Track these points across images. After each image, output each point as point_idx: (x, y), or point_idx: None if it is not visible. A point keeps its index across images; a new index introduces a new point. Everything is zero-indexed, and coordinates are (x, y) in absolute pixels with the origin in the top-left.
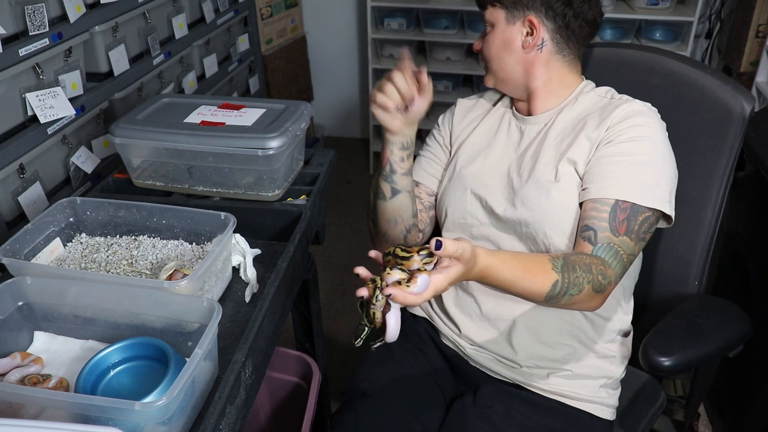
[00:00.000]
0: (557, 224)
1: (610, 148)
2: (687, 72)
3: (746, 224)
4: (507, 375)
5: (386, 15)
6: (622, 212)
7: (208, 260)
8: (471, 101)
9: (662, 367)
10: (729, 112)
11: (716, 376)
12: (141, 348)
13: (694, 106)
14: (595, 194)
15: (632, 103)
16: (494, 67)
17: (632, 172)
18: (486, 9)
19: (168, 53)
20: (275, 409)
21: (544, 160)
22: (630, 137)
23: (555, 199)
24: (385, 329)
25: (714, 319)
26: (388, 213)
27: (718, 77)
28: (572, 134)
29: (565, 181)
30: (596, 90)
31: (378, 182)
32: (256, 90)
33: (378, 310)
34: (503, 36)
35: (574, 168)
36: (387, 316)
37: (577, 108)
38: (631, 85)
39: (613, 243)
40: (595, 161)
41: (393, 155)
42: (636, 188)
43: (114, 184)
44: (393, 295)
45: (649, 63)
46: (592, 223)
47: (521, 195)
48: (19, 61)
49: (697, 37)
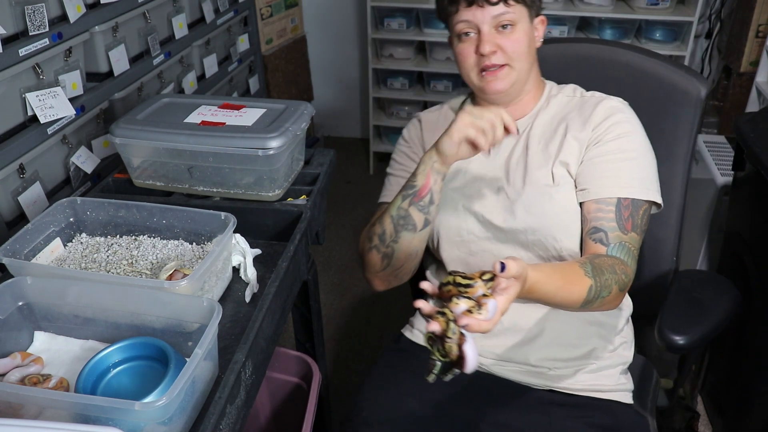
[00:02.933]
0: (565, 227)
1: (600, 147)
2: (643, 62)
3: (746, 224)
4: (536, 382)
5: (386, 15)
6: (626, 209)
7: (208, 260)
8: (434, 114)
9: (682, 345)
10: (687, 95)
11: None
12: (141, 348)
13: (654, 93)
14: (597, 194)
15: (609, 100)
16: (520, 67)
17: (625, 168)
18: (508, 5)
19: (168, 53)
20: (275, 409)
21: (535, 165)
22: (617, 135)
23: (558, 202)
24: (462, 361)
25: (708, 291)
26: (414, 246)
27: (673, 64)
28: (557, 136)
29: (562, 183)
30: (563, 90)
31: (408, 212)
32: (256, 90)
33: (454, 344)
34: (528, 34)
35: (566, 170)
36: (464, 347)
37: (550, 110)
38: (592, 78)
39: (624, 241)
40: (587, 162)
41: (436, 185)
42: (633, 184)
43: (114, 184)
44: (468, 326)
45: (606, 56)
46: (601, 224)
47: (522, 202)
48: (19, 61)
49: (697, 37)
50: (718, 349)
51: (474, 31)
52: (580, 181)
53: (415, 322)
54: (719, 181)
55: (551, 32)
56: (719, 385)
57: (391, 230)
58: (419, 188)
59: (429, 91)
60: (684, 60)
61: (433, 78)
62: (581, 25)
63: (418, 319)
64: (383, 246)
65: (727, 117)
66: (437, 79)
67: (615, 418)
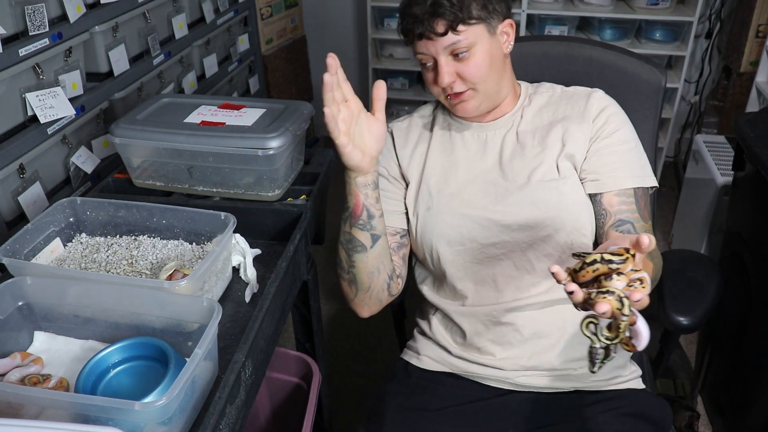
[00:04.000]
0: (576, 218)
1: (604, 140)
2: (604, 55)
3: (746, 224)
4: (562, 386)
5: (386, 15)
6: (641, 198)
7: (208, 260)
8: (404, 122)
9: (688, 325)
10: (649, 84)
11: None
12: (141, 348)
13: (619, 85)
14: (614, 186)
15: (596, 92)
16: (484, 88)
17: (632, 158)
18: (457, 33)
19: (168, 53)
20: (275, 409)
21: (536, 159)
22: (616, 126)
23: (566, 194)
24: (635, 339)
25: (699, 270)
26: (370, 264)
27: (633, 56)
28: (555, 129)
29: (568, 176)
30: (539, 89)
31: (352, 235)
32: (256, 90)
33: (626, 322)
34: (490, 51)
35: (572, 162)
36: (638, 324)
37: (534, 106)
38: (556, 74)
39: (647, 230)
40: (594, 154)
41: (368, 198)
42: (641, 172)
43: (114, 184)
44: (641, 300)
45: (568, 52)
46: (626, 216)
47: (527, 198)
48: (19, 61)
49: (697, 37)
50: (718, 349)
51: (431, 62)
52: (589, 172)
53: (421, 348)
54: (719, 181)
55: (551, 32)
56: (719, 385)
57: (345, 257)
58: (352, 208)
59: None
60: (684, 60)
61: None
62: (581, 25)
63: (423, 344)
64: (345, 273)
65: (727, 117)
66: None
67: (639, 404)
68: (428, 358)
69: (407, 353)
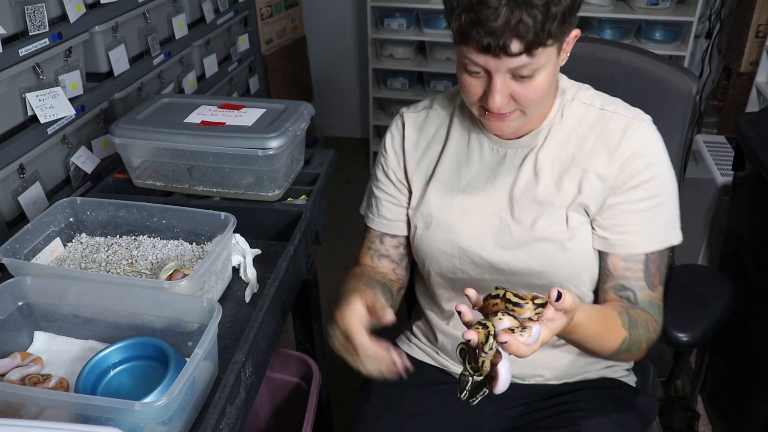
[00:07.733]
0: (577, 275)
1: (625, 193)
2: (633, 59)
3: (746, 224)
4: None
5: (386, 15)
6: (653, 263)
7: (208, 260)
8: (421, 114)
9: (686, 342)
10: (679, 92)
11: (716, 375)
12: (141, 348)
13: (647, 91)
14: (623, 250)
15: (635, 125)
16: (533, 111)
17: (654, 216)
18: (532, 56)
19: (168, 53)
20: (275, 409)
21: (546, 201)
22: (645, 178)
23: (570, 251)
24: (492, 380)
25: (707, 287)
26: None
27: (662, 61)
28: (575, 169)
29: (576, 228)
30: (579, 94)
31: None
32: (256, 90)
33: (488, 359)
34: (553, 72)
35: (585, 211)
36: (498, 366)
37: (565, 126)
38: (581, 77)
39: (653, 299)
40: (611, 207)
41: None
42: (660, 234)
43: (114, 184)
44: (507, 344)
45: (595, 54)
46: (629, 283)
47: (530, 249)
48: (19, 61)
49: (697, 37)
50: (718, 349)
51: (481, 72)
52: (600, 226)
53: (412, 337)
54: (719, 181)
55: None
56: (719, 385)
57: None
58: None
59: (429, 91)
60: (684, 60)
61: (434, 78)
62: (581, 25)
63: (416, 332)
64: None
65: (727, 117)
66: (437, 79)
67: (626, 396)
68: (416, 346)
69: (401, 338)
